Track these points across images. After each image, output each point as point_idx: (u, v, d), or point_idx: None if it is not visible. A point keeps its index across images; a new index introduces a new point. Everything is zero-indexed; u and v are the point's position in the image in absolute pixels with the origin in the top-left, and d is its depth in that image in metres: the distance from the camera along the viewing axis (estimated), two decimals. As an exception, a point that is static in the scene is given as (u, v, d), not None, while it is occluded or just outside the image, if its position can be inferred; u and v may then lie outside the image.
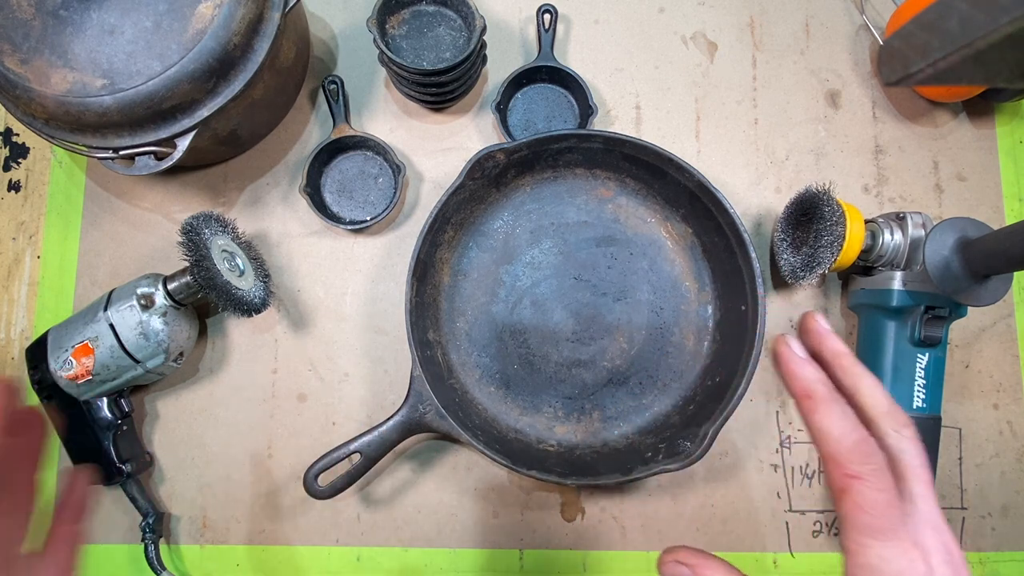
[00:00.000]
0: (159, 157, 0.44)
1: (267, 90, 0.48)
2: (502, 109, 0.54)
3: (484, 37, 0.50)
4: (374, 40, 0.48)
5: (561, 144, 0.50)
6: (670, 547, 0.31)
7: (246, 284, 0.47)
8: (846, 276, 0.53)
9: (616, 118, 0.56)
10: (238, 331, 0.53)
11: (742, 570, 0.30)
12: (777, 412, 0.52)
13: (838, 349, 0.30)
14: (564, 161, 0.52)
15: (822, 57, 0.57)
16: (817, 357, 0.30)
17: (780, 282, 0.53)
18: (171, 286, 0.47)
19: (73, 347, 0.46)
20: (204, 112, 0.44)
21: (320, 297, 0.53)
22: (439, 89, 0.51)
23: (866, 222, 0.49)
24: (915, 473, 0.27)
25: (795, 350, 0.30)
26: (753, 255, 0.47)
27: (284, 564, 0.51)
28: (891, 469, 0.27)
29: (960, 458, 0.52)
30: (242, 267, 0.48)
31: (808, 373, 0.29)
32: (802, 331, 0.31)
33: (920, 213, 0.47)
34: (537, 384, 0.52)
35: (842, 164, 0.55)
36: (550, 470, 0.45)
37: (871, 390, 0.29)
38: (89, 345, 0.45)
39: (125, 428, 0.49)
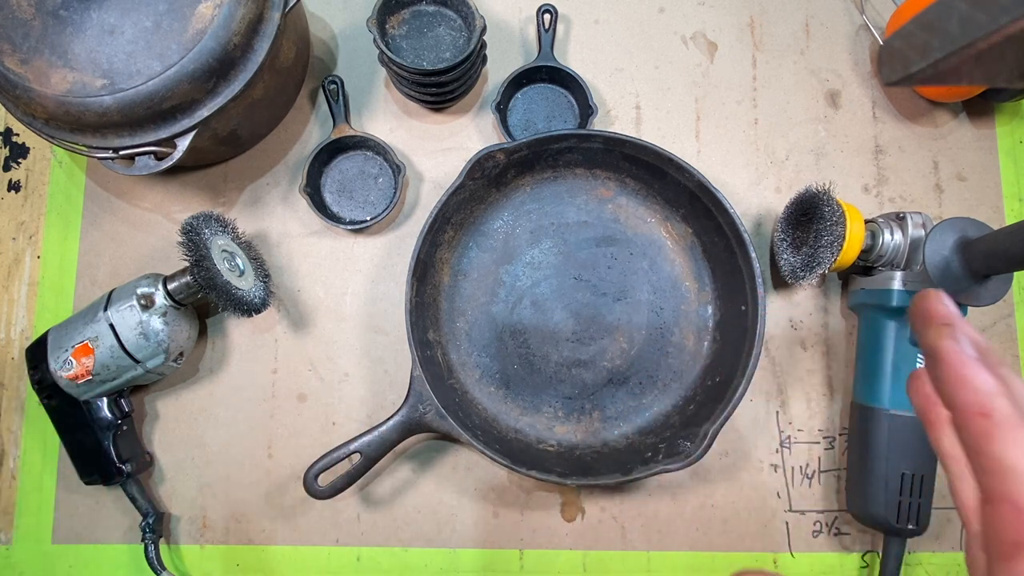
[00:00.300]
0: (159, 157, 0.44)
1: (267, 90, 0.48)
2: (502, 109, 0.54)
3: (484, 37, 0.50)
4: (374, 40, 0.48)
5: (561, 144, 0.50)
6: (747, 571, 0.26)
7: (246, 284, 0.47)
8: (846, 276, 0.53)
9: (616, 118, 0.56)
10: (238, 331, 0.53)
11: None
12: (777, 412, 0.52)
13: (979, 343, 0.22)
14: (564, 161, 0.52)
15: (822, 57, 0.57)
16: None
17: (780, 282, 0.53)
18: (171, 286, 0.47)
19: (73, 347, 0.46)
20: (204, 112, 0.44)
21: (320, 297, 0.53)
22: (439, 89, 0.51)
23: (866, 222, 0.49)
24: None
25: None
26: (753, 255, 0.47)
27: (284, 564, 0.51)
28: None
29: (960, 458, 0.52)
30: (242, 267, 0.48)
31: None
32: (918, 316, 0.24)
33: (920, 213, 0.47)
34: (537, 384, 0.52)
35: (842, 164, 0.55)
36: (550, 470, 0.45)
37: None
38: (89, 345, 0.45)
39: (125, 428, 0.49)
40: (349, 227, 0.52)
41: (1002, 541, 0.20)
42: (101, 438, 0.47)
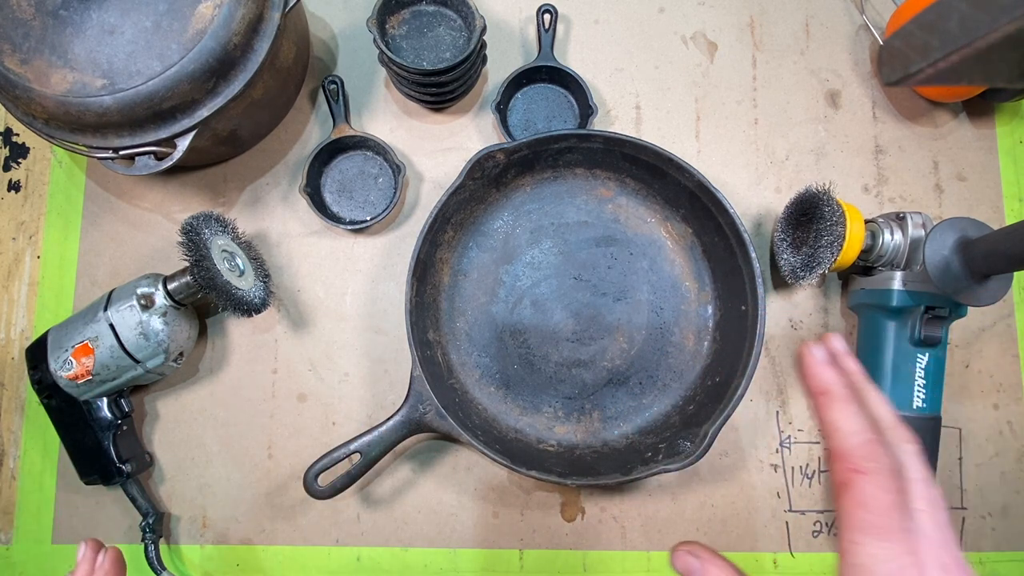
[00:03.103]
0: (159, 157, 0.44)
1: (267, 90, 0.48)
2: (502, 109, 0.54)
3: (484, 37, 0.50)
4: (374, 40, 0.48)
5: (561, 144, 0.50)
6: (685, 541, 0.32)
7: (246, 284, 0.47)
8: (846, 276, 0.53)
9: (616, 118, 0.56)
10: (238, 331, 0.53)
11: (743, 570, 0.30)
12: (777, 412, 0.52)
13: (852, 367, 0.32)
14: (564, 161, 0.52)
15: (822, 57, 0.57)
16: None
17: (780, 282, 0.53)
18: (171, 286, 0.47)
19: (73, 347, 0.46)
20: (204, 112, 0.44)
21: (320, 297, 0.53)
22: (439, 89, 0.51)
23: (866, 222, 0.49)
24: (916, 488, 0.27)
25: (817, 355, 0.32)
26: (753, 255, 0.47)
27: (284, 564, 0.51)
28: (900, 480, 0.27)
29: (960, 458, 0.52)
30: (242, 267, 0.48)
31: (827, 374, 0.31)
32: (825, 345, 0.33)
33: (920, 213, 0.47)
34: (537, 384, 0.52)
35: (842, 164, 0.55)
36: (550, 470, 0.45)
37: (878, 405, 0.30)
38: (89, 345, 0.45)
39: (125, 428, 0.49)
40: (349, 227, 0.52)
41: (835, 485, 0.28)
42: (101, 438, 0.47)
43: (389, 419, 0.46)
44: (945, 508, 0.27)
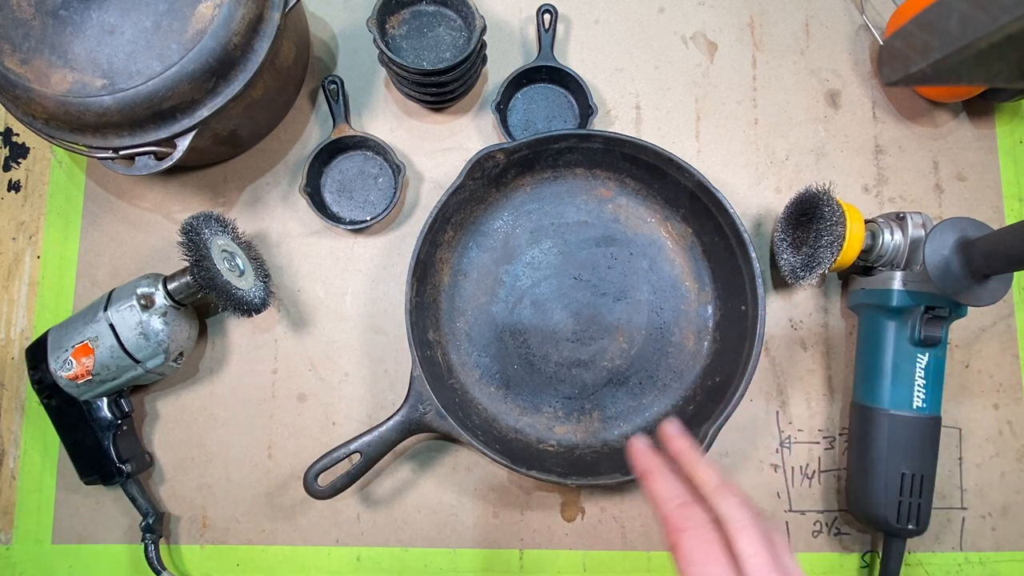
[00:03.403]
0: (159, 157, 0.44)
1: (267, 90, 0.48)
2: (502, 109, 0.54)
3: (484, 37, 0.50)
4: (374, 40, 0.48)
5: (561, 144, 0.50)
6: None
7: (246, 284, 0.47)
8: (846, 276, 0.53)
9: (616, 118, 0.56)
10: (238, 331, 0.53)
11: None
12: (777, 412, 0.52)
13: (682, 447, 0.36)
14: (564, 161, 0.52)
15: (822, 57, 0.57)
16: (670, 454, 0.37)
17: (780, 282, 0.53)
18: (171, 286, 0.47)
19: (73, 347, 0.46)
20: (204, 112, 0.44)
21: (320, 297, 0.53)
22: (439, 89, 0.51)
23: (866, 222, 0.49)
24: (742, 534, 0.29)
25: (637, 444, 0.38)
26: (753, 255, 0.47)
27: (284, 564, 0.51)
28: (720, 531, 0.30)
29: (960, 458, 0.52)
30: (242, 267, 0.48)
31: (646, 457, 0.36)
32: (660, 432, 0.38)
33: (920, 213, 0.47)
34: (537, 384, 0.52)
35: (842, 164, 0.55)
36: (550, 470, 0.45)
37: (704, 472, 0.34)
38: (89, 345, 0.45)
39: (125, 428, 0.49)
40: (349, 227, 0.52)
41: (669, 550, 0.32)
42: (101, 438, 0.47)
43: (389, 419, 0.46)
44: (785, 545, 0.30)
